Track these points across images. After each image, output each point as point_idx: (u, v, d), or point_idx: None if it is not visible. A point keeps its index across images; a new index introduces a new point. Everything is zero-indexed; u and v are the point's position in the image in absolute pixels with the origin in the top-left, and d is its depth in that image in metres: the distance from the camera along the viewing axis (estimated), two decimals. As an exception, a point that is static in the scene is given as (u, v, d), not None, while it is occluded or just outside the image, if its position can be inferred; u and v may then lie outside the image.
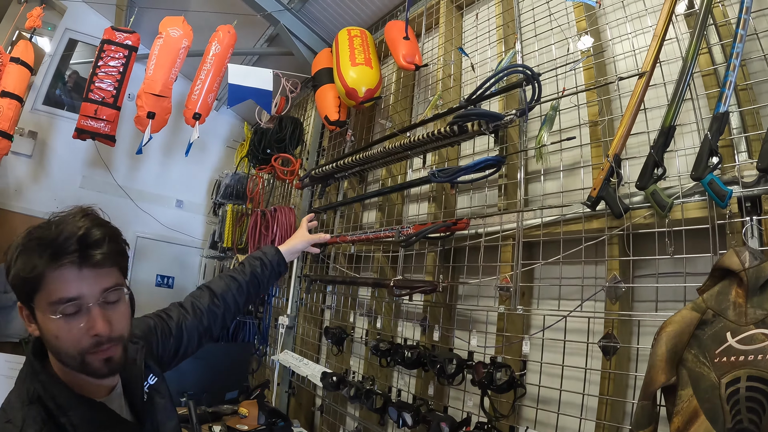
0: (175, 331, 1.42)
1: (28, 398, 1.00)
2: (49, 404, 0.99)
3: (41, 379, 1.02)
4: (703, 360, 1.37)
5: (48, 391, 1.01)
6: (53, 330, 0.99)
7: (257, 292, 1.73)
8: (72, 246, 0.99)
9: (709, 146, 1.65)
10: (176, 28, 4.17)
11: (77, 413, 1.01)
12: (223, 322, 1.59)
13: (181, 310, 1.49)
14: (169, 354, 1.41)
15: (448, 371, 2.16)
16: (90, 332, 1.00)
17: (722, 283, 1.42)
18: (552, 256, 2.12)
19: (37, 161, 6.10)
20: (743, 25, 1.71)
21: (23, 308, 1.03)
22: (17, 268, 0.99)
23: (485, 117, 2.28)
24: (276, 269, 1.78)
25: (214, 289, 1.59)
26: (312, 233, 2.07)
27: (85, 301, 1.00)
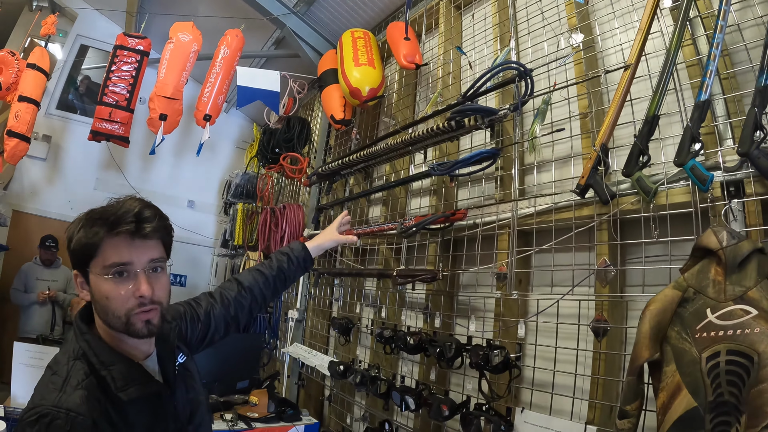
0: (204, 318, 1.51)
1: (74, 355, 1.13)
2: (92, 359, 1.12)
3: (86, 339, 1.15)
4: (685, 336, 1.44)
5: (92, 348, 1.14)
6: (105, 291, 1.13)
7: (284, 286, 1.81)
8: (129, 218, 1.16)
9: (690, 133, 1.72)
10: (186, 33, 4.31)
11: (117, 368, 1.13)
12: (249, 313, 1.68)
13: (210, 299, 1.58)
14: (197, 339, 1.50)
15: (447, 355, 2.26)
16: (136, 293, 1.14)
17: (702, 262, 1.49)
18: (545, 243, 2.19)
19: (52, 164, 6.27)
20: (723, 16, 1.76)
21: (78, 275, 1.17)
22: (80, 236, 1.14)
23: (480, 112, 2.37)
24: (302, 264, 1.83)
25: (242, 281, 1.67)
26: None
27: (134, 267, 1.15)
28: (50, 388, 1.07)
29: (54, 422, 1.02)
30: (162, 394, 1.22)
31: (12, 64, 4.77)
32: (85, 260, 1.15)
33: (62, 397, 1.05)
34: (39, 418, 1.02)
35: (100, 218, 1.15)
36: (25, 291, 5.26)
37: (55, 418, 1.02)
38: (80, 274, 1.17)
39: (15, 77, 4.73)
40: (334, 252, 3.91)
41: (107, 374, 1.11)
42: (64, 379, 1.09)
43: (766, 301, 1.33)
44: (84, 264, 1.15)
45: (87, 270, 1.16)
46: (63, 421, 1.02)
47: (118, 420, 1.10)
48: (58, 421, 1.02)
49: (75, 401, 1.05)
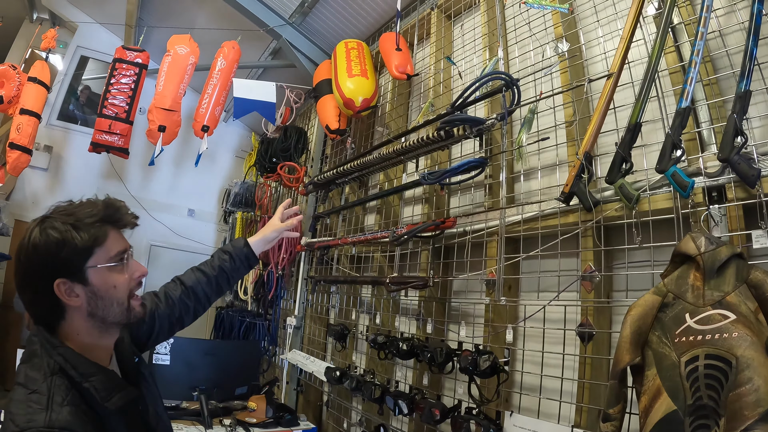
0: (148, 318, 1.53)
1: (50, 370, 1.12)
2: (71, 373, 1.13)
3: (61, 352, 1.15)
4: (665, 340, 1.46)
5: (69, 362, 1.14)
6: (113, 280, 1.21)
7: (228, 285, 1.82)
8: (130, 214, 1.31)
9: (671, 140, 1.75)
10: (183, 45, 4.37)
11: (97, 379, 1.15)
12: (195, 314, 1.71)
13: (155, 298, 1.62)
14: (143, 337, 1.54)
15: (437, 360, 2.30)
16: (135, 275, 1.27)
17: (682, 268, 1.52)
18: (533, 250, 2.23)
19: (53, 174, 6.31)
20: (704, 23, 1.79)
21: (64, 282, 1.16)
22: (83, 238, 1.18)
23: (468, 122, 2.41)
24: (245, 262, 1.82)
25: (185, 281, 1.70)
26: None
27: (129, 252, 1.27)
28: (35, 408, 1.05)
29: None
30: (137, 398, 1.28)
31: (13, 78, 4.84)
32: (79, 262, 1.17)
33: (52, 416, 1.04)
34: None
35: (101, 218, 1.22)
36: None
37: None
38: (67, 280, 1.16)
39: (16, 90, 4.80)
40: (330, 260, 3.95)
41: (90, 386, 1.13)
42: (48, 397, 1.07)
43: (744, 305, 1.35)
44: (77, 266, 1.17)
45: (83, 269, 1.17)
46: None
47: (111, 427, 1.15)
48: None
49: (66, 418, 1.06)
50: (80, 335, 1.20)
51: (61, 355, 1.14)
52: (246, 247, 1.81)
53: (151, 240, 6.63)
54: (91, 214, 1.21)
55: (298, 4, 4.37)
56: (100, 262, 1.19)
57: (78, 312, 1.18)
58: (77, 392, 1.12)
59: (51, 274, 1.15)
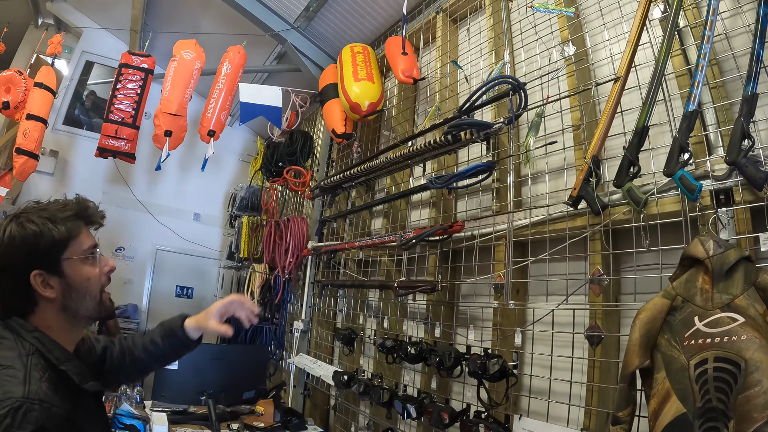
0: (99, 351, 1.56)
1: (26, 351, 1.14)
2: (48, 356, 1.16)
3: (36, 336, 1.18)
4: (674, 344, 1.46)
5: (45, 345, 1.17)
6: (86, 273, 1.27)
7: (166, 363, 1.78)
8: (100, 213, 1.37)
9: (679, 143, 1.75)
10: (189, 50, 4.40)
11: (72, 364, 1.21)
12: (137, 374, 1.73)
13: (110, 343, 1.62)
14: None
15: (446, 364, 2.30)
16: (105, 269, 1.34)
17: (690, 271, 1.52)
18: (541, 253, 2.23)
19: (59, 179, 6.36)
20: (710, 26, 1.79)
21: (40, 274, 1.19)
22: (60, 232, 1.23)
23: (475, 126, 2.42)
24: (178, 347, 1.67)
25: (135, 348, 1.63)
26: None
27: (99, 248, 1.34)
28: (12, 382, 1.05)
29: (30, 413, 1.02)
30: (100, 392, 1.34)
31: (20, 84, 4.87)
32: (56, 253, 1.22)
33: (31, 388, 1.05)
34: (11, 411, 1.00)
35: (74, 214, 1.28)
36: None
37: (29, 409, 1.02)
38: (43, 272, 1.20)
39: (23, 96, 4.83)
40: (338, 264, 3.96)
41: (67, 369, 1.17)
42: (26, 373, 1.08)
43: (752, 308, 1.35)
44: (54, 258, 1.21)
45: (59, 261, 1.22)
46: (38, 412, 1.03)
47: (81, 412, 1.17)
48: (34, 412, 1.03)
49: (46, 392, 1.07)
50: (50, 329, 1.22)
51: (37, 339, 1.17)
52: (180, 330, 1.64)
53: (157, 244, 6.67)
54: (65, 210, 1.27)
55: (303, 9, 4.38)
56: (75, 255, 1.25)
57: (51, 305, 1.22)
58: (53, 373, 1.14)
59: (28, 266, 1.18)
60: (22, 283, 1.18)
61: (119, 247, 6.50)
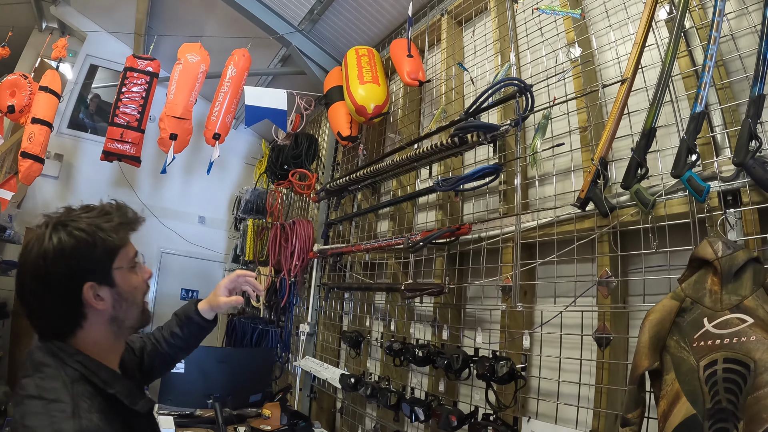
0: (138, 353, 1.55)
1: (70, 379, 1.06)
2: (94, 380, 1.09)
3: (79, 360, 1.10)
4: (684, 345, 1.46)
5: (90, 369, 1.10)
6: (134, 282, 1.23)
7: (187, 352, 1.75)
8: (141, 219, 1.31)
9: (686, 145, 1.74)
10: (194, 53, 4.41)
11: (120, 385, 1.14)
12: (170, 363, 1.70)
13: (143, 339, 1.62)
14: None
15: (454, 366, 2.30)
16: (145, 276, 1.28)
17: (699, 273, 1.52)
18: (549, 255, 2.23)
19: (64, 182, 6.38)
20: (716, 27, 1.79)
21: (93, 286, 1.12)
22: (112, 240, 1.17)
23: (482, 128, 2.42)
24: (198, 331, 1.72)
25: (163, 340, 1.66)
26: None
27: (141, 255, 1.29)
28: (60, 417, 1.00)
29: None
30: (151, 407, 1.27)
31: (25, 87, 4.90)
32: (108, 263, 1.16)
33: (82, 423, 1.00)
34: None
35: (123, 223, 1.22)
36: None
37: None
38: (95, 283, 1.13)
39: (28, 100, 4.86)
40: (344, 267, 3.96)
41: (115, 392, 1.11)
42: (73, 405, 1.02)
43: (761, 309, 1.35)
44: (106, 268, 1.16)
45: (110, 271, 1.16)
46: None
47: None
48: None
49: (97, 425, 1.02)
50: (97, 343, 1.16)
51: (79, 363, 1.10)
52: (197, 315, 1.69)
53: (161, 247, 6.67)
54: (110, 216, 1.21)
55: (307, 12, 4.40)
56: (124, 264, 1.19)
57: (100, 317, 1.15)
58: (102, 399, 1.09)
59: (80, 278, 1.11)
60: (70, 297, 1.11)
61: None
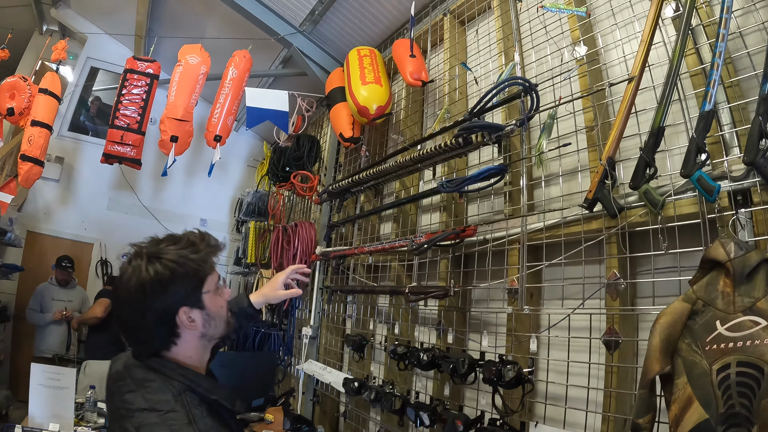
0: None
1: (177, 390, 1.19)
2: (198, 389, 1.21)
3: (181, 373, 1.22)
4: (696, 348, 1.43)
5: (193, 381, 1.22)
6: (220, 302, 1.33)
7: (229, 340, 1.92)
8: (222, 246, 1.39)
9: (696, 144, 1.71)
10: (194, 55, 4.38)
11: (219, 391, 1.26)
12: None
13: None
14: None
15: (460, 371, 2.27)
16: (226, 295, 1.38)
17: (711, 274, 1.48)
18: (556, 257, 2.20)
19: (65, 185, 6.39)
20: (725, 24, 1.75)
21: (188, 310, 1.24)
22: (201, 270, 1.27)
23: (487, 128, 2.39)
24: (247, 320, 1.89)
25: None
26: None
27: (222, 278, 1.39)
28: (179, 425, 1.12)
29: None
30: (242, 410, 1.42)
31: (24, 90, 4.86)
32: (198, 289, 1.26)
33: (199, 426, 1.13)
34: None
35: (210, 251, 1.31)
36: (41, 311, 5.33)
37: None
38: (188, 308, 1.24)
39: (27, 102, 4.82)
40: (347, 269, 3.93)
41: (217, 398, 1.23)
42: (187, 413, 1.15)
43: (775, 311, 1.30)
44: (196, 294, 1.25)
45: (200, 296, 1.26)
46: None
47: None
48: None
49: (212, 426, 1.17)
50: (191, 356, 1.28)
51: (182, 375, 1.22)
52: (250, 307, 1.86)
53: (163, 251, 6.62)
54: (196, 246, 1.29)
55: (308, 12, 4.38)
56: (211, 288, 1.29)
57: (192, 335, 1.26)
58: (206, 405, 1.20)
59: (175, 304, 1.22)
60: (167, 321, 1.22)
61: (125, 254, 6.46)
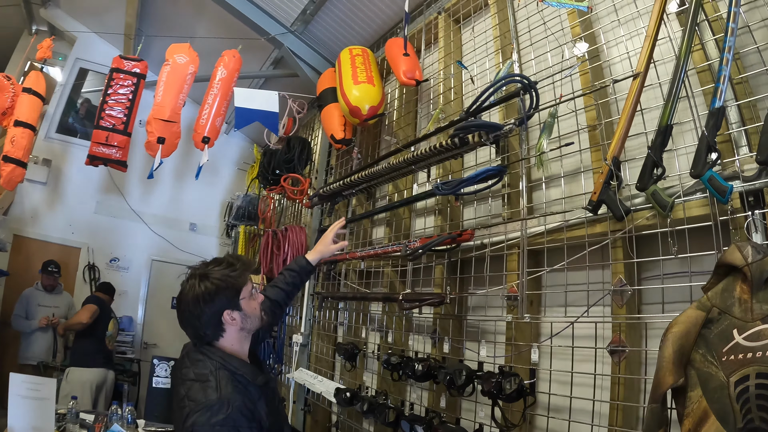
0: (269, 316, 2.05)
1: (214, 367, 1.63)
2: (229, 367, 1.64)
3: (219, 355, 1.67)
4: (711, 359, 1.35)
5: (226, 361, 1.66)
6: (253, 305, 1.75)
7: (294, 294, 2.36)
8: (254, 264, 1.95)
9: (706, 142, 1.64)
10: (182, 54, 4.25)
11: (245, 369, 1.68)
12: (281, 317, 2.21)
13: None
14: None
15: (458, 383, 2.16)
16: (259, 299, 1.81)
17: (726, 280, 1.40)
18: (557, 262, 2.11)
19: (52, 188, 6.24)
20: (734, 18, 1.70)
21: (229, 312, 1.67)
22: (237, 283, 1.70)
23: (485, 128, 2.29)
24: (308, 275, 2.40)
25: (269, 295, 2.18)
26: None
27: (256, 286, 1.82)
28: (210, 391, 1.56)
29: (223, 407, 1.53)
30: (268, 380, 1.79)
31: (7, 89, 4.74)
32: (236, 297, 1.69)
33: (222, 392, 1.56)
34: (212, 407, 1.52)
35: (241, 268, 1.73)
36: (27, 317, 5.19)
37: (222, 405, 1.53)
38: (230, 311, 1.68)
39: (11, 102, 4.71)
40: (338, 275, 3.83)
41: (242, 373, 1.66)
42: (217, 383, 1.58)
43: (797, 319, 1.22)
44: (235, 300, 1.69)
45: (238, 301, 1.69)
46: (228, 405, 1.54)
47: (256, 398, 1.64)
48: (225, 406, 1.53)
49: (231, 392, 1.58)
50: (234, 344, 1.73)
51: (220, 357, 1.67)
52: (308, 264, 2.36)
53: (152, 255, 6.59)
54: (234, 267, 1.72)
55: (299, 12, 4.29)
56: (245, 296, 1.73)
57: (234, 329, 1.71)
58: (235, 378, 1.63)
59: (220, 309, 1.67)
60: (215, 321, 1.67)
61: (113, 258, 6.42)
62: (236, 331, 1.72)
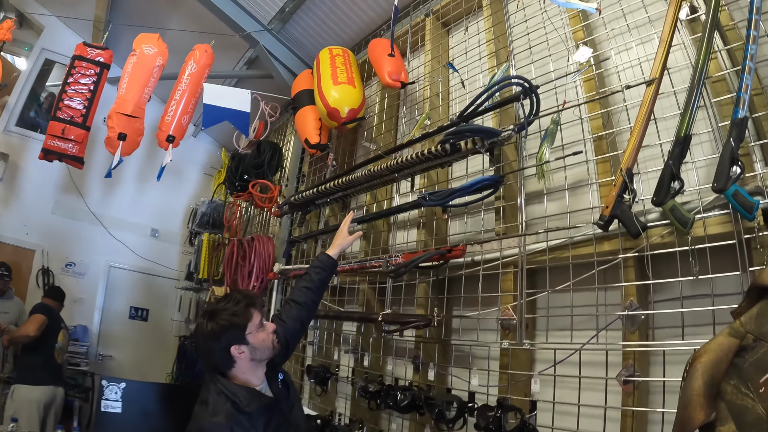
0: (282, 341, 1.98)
1: (215, 393, 1.73)
2: (226, 392, 1.72)
3: (221, 383, 1.74)
4: (746, 391, 1.24)
5: (225, 386, 1.73)
6: (261, 337, 1.79)
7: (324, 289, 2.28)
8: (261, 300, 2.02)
9: (731, 154, 1.54)
10: (150, 45, 3.97)
11: (242, 394, 1.73)
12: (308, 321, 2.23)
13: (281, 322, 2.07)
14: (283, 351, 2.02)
15: (447, 416, 1.93)
16: (269, 330, 1.85)
17: (761, 303, 1.30)
18: (557, 283, 1.95)
19: (8, 184, 5.86)
20: (755, 26, 1.64)
21: (237, 347, 1.74)
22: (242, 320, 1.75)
23: (481, 133, 2.12)
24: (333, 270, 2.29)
25: (298, 300, 2.17)
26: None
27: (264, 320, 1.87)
28: (204, 415, 1.68)
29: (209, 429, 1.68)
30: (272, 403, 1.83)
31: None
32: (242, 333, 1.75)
33: (213, 418, 1.66)
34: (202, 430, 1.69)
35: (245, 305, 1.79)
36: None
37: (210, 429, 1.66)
38: (237, 345, 1.74)
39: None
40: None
41: (236, 399, 1.71)
42: (212, 407, 1.69)
43: (838, 345, 1.11)
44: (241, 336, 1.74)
45: (245, 336, 1.75)
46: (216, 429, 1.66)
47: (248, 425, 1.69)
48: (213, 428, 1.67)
49: (220, 417, 1.66)
50: (245, 373, 1.80)
51: (220, 383, 1.75)
52: (330, 258, 2.26)
53: (109, 260, 6.27)
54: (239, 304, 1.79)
55: (278, 10, 4.10)
56: (252, 329, 1.78)
57: (244, 360, 1.78)
58: (230, 403, 1.70)
59: (228, 344, 1.74)
60: (224, 354, 1.75)
61: (69, 263, 6.07)
62: (246, 361, 1.81)
